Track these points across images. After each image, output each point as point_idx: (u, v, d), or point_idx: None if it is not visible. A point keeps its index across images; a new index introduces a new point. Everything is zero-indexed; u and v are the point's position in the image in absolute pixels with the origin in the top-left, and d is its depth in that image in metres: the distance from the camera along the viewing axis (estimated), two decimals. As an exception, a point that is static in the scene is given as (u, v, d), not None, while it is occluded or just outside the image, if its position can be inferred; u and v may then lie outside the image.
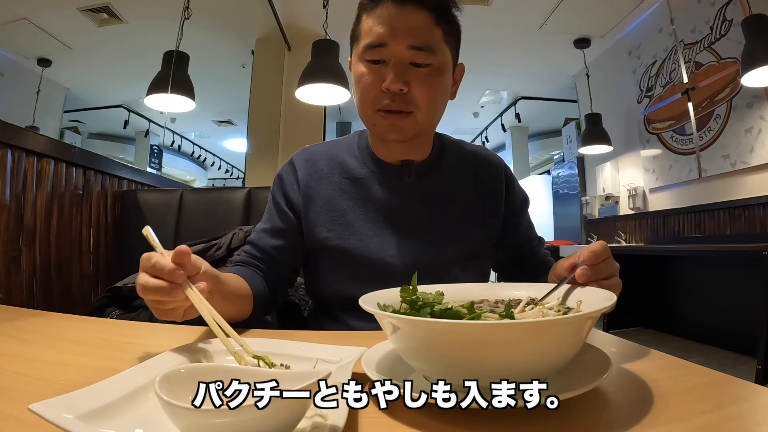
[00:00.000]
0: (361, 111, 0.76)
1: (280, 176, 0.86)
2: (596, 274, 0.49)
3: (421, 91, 0.71)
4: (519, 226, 0.89)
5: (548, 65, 4.72)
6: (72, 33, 4.11)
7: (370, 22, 0.71)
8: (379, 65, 0.71)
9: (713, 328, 2.88)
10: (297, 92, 2.69)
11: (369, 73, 0.72)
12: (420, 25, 0.69)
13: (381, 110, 0.72)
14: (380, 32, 0.69)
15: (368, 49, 0.71)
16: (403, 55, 0.70)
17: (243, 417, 0.26)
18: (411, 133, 0.75)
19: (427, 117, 0.74)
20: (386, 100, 0.71)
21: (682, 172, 3.42)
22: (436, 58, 0.71)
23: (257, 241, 0.82)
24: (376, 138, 0.81)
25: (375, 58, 0.71)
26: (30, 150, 1.27)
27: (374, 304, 0.42)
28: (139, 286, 0.48)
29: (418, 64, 0.71)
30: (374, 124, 0.75)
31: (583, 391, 0.33)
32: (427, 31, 0.70)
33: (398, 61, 0.70)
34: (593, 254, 0.50)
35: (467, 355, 0.34)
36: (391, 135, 0.74)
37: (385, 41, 0.69)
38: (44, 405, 0.28)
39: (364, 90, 0.73)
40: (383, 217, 0.80)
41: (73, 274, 1.45)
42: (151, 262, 0.48)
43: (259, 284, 0.76)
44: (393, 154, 0.82)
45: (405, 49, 0.69)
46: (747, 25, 2.39)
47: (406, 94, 0.71)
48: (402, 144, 0.78)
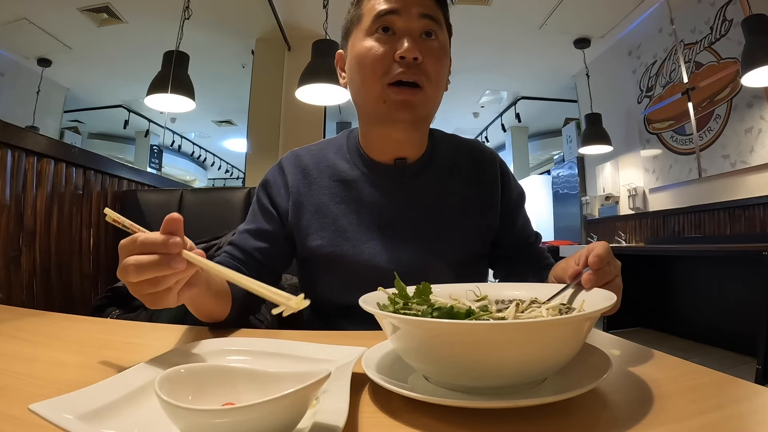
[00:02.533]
0: (368, 88, 0.72)
1: (267, 180, 0.83)
2: (601, 278, 0.49)
3: (432, 63, 0.71)
4: (516, 222, 0.86)
5: (548, 65, 4.72)
6: (72, 33, 4.11)
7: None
8: (389, 36, 0.70)
9: (713, 328, 2.88)
10: (297, 92, 2.69)
11: (378, 44, 0.70)
12: (428, 1, 0.71)
13: (392, 84, 0.70)
14: (391, 2, 0.70)
15: (379, 17, 0.70)
16: (415, 24, 0.70)
17: (243, 417, 0.26)
18: (422, 112, 0.73)
19: (435, 96, 0.74)
20: (400, 69, 0.69)
21: (682, 172, 3.42)
22: (443, 35, 0.73)
23: (240, 242, 0.78)
24: (383, 121, 0.75)
25: (387, 24, 0.70)
26: (30, 150, 1.27)
27: (374, 304, 0.42)
28: (130, 268, 0.41)
29: (430, 34, 0.71)
30: (384, 100, 0.71)
31: (583, 391, 0.33)
32: (434, 6, 0.72)
33: (412, 31, 0.70)
34: (598, 259, 0.48)
35: (467, 355, 0.34)
36: (403, 113, 0.71)
37: (397, 8, 0.69)
38: (44, 405, 0.28)
39: (374, 61, 0.70)
40: (376, 220, 0.77)
41: (73, 274, 1.45)
42: (138, 241, 0.42)
43: (238, 287, 0.72)
44: (388, 150, 0.79)
45: (417, 17, 0.70)
46: (747, 25, 2.39)
47: (420, 64, 0.69)
48: (406, 132, 0.76)
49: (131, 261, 0.42)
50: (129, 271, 0.42)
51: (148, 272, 0.42)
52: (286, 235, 0.80)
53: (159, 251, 0.42)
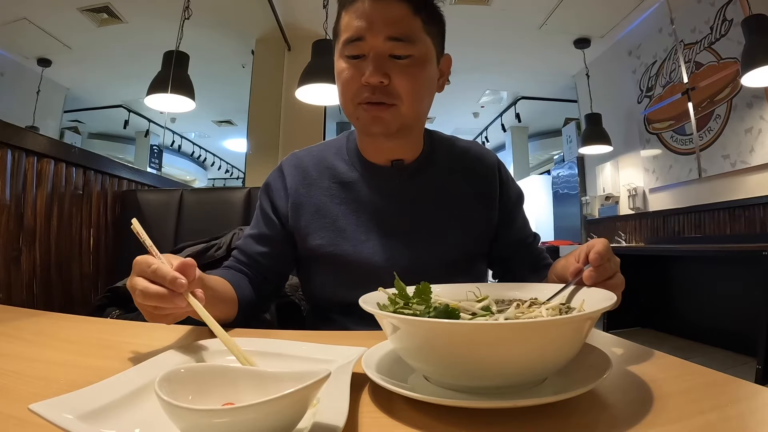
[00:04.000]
0: (344, 107, 0.74)
1: (268, 183, 0.85)
2: (602, 275, 0.49)
3: (402, 83, 0.69)
4: (514, 223, 0.87)
5: (548, 65, 4.71)
6: (72, 33, 4.11)
7: (347, 17, 0.71)
8: (359, 60, 0.70)
9: (713, 328, 2.88)
10: (297, 92, 2.69)
11: (349, 68, 0.71)
12: (397, 16, 0.68)
13: (362, 103, 0.71)
14: (358, 26, 0.69)
15: (347, 44, 0.70)
16: (381, 48, 0.69)
17: (243, 417, 0.26)
18: (395, 126, 0.72)
19: (411, 109, 0.72)
20: (366, 93, 0.70)
21: (682, 172, 3.42)
22: (417, 49, 0.70)
23: (244, 247, 0.82)
24: (362, 133, 0.78)
25: (354, 53, 0.70)
26: (30, 150, 1.27)
27: (374, 304, 0.42)
28: (137, 291, 0.47)
29: (398, 56, 0.69)
30: (357, 118, 0.73)
31: (583, 391, 0.33)
32: (406, 21, 0.69)
33: (377, 54, 0.69)
34: (599, 256, 0.49)
35: (467, 355, 0.34)
36: (375, 128, 0.72)
37: (362, 35, 0.68)
38: (44, 405, 0.28)
39: (345, 85, 0.72)
40: (375, 221, 0.78)
41: (73, 274, 1.45)
42: (152, 268, 0.46)
43: (245, 289, 0.75)
44: (382, 153, 0.80)
45: (383, 41, 0.68)
46: (747, 25, 2.39)
47: (387, 86, 0.69)
48: (390, 141, 0.76)
49: (140, 286, 0.47)
50: (135, 292, 0.47)
51: (152, 300, 0.47)
52: (287, 237, 0.82)
53: (166, 285, 0.46)
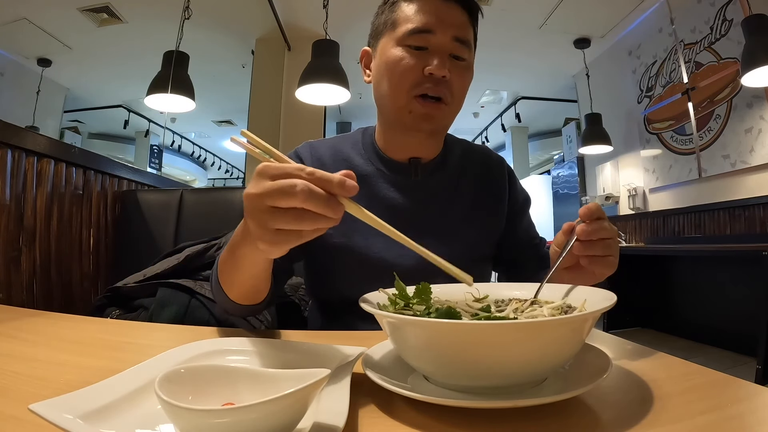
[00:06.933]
0: (395, 97, 0.74)
1: None
2: (596, 232, 0.51)
3: (458, 83, 0.73)
4: (520, 226, 0.89)
5: (548, 65, 4.72)
6: (72, 33, 4.11)
7: (413, 8, 0.72)
8: (421, 51, 0.72)
9: (713, 328, 2.88)
10: (297, 92, 2.70)
11: (410, 57, 0.72)
12: (461, 21, 0.73)
13: (418, 96, 0.72)
14: (428, 19, 0.71)
15: (412, 33, 0.71)
16: (447, 45, 0.71)
17: (243, 417, 0.26)
18: (442, 124, 0.76)
19: (456, 110, 0.76)
20: (428, 84, 0.71)
21: (682, 172, 3.42)
22: (470, 55, 0.75)
23: None
24: (408, 128, 0.76)
25: (419, 44, 0.71)
26: (30, 150, 1.27)
27: (374, 304, 0.42)
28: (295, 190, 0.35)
29: (458, 57, 0.73)
30: (410, 110, 0.73)
31: (583, 391, 0.33)
32: (466, 27, 0.74)
33: (443, 50, 0.71)
34: (588, 210, 0.51)
35: (467, 355, 0.34)
36: (426, 124, 0.74)
37: (432, 28, 0.71)
38: (44, 405, 0.28)
39: (404, 73, 0.72)
40: (388, 215, 0.77)
41: (73, 274, 1.45)
42: (307, 170, 0.37)
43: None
44: (406, 150, 0.81)
45: (450, 39, 0.71)
46: (747, 25, 2.39)
47: (446, 81, 0.72)
48: (429, 138, 0.79)
49: (301, 185, 0.35)
50: (291, 193, 0.35)
51: (315, 204, 0.36)
52: None
53: (333, 191, 0.37)
